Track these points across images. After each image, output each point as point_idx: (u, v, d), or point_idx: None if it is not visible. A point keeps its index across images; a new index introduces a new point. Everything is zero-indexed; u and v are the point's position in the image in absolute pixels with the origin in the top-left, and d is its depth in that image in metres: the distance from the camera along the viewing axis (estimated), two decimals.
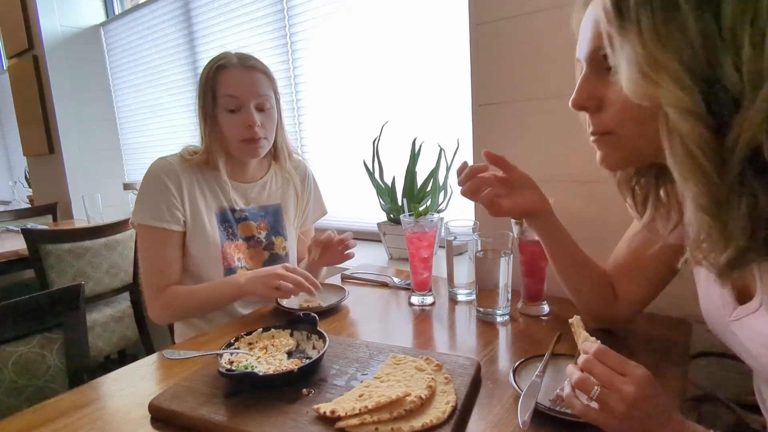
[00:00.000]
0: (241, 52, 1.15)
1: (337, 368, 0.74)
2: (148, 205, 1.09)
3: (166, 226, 1.09)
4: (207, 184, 1.16)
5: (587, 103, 0.58)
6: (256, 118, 1.11)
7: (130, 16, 2.78)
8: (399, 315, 1.03)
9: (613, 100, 0.55)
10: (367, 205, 1.75)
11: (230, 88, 1.10)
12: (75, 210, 2.97)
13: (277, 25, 2.03)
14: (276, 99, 1.18)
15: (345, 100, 1.88)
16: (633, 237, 0.81)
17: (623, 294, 0.82)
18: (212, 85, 1.11)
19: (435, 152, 1.46)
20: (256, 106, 1.12)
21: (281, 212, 1.26)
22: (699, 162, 0.45)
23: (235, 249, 1.17)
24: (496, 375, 0.74)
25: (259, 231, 1.22)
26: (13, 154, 4.81)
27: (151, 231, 1.09)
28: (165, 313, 1.11)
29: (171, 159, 1.14)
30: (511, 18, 1.07)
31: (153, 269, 1.10)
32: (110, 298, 2.13)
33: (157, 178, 1.10)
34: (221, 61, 1.11)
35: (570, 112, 1.04)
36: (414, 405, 0.59)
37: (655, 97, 0.46)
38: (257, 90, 1.12)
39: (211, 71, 1.11)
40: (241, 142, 1.12)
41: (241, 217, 1.20)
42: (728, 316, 0.60)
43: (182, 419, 0.63)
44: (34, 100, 2.96)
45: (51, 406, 0.71)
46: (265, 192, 1.25)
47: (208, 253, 1.13)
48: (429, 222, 1.03)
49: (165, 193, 1.09)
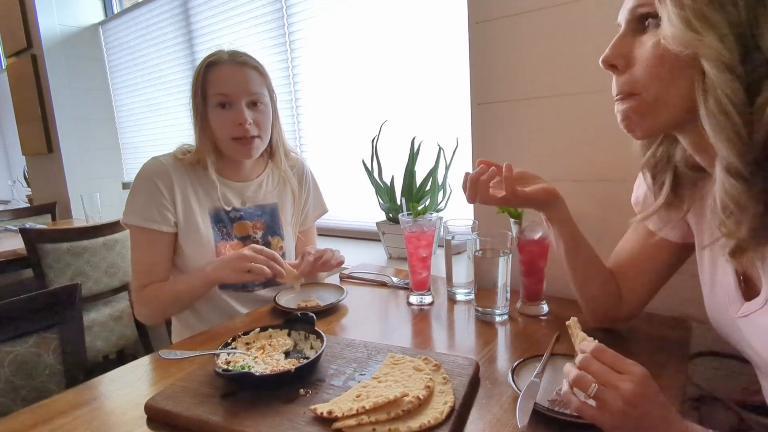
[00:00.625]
0: (235, 49, 1.14)
1: (334, 368, 0.73)
2: (139, 205, 1.09)
3: (155, 227, 1.08)
4: (200, 184, 1.15)
5: (617, 61, 0.58)
6: (248, 116, 1.09)
7: (128, 15, 2.78)
8: (397, 314, 1.03)
9: (642, 58, 0.55)
10: (366, 204, 1.75)
11: (220, 85, 1.09)
12: (74, 209, 2.97)
13: (275, 24, 2.03)
14: (271, 97, 1.17)
15: (344, 99, 1.88)
16: (634, 236, 0.81)
17: (626, 292, 0.82)
18: (203, 84, 1.09)
19: (434, 151, 1.46)
20: (247, 103, 1.10)
21: (278, 212, 1.25)
22: (732, 119, 0.48)
23: (230, 249, 1.16)
24: (495, 375, 0.73)
25: (255, 231, 1.21)
26: (11, 153, 4.81)
27: (140, 231, 1.09)
28: (145, 311, 1.11)
29: (164, 159, 1.13)
30: (510, 16, 1.07)
31: (138, 268, 1.11)
32: (109, 298, 2.12)
33: (149, 178, 1.09)
34: (212, 58, 1.10)
35: (570, 111, 1.04)
36: (412, 405, 0.59)
37: (696, 46, 0.48)
38: (248, 87, 1.10)
39: (202, 69, 1.10)
40: (232, 141, 1.11)
41: (236, 216, 1.19)
42: (735, 312, 0.60)
43: (178, 419, 0.63)
44: (32, 100, 2.95)
45: (47, 406, 0.71)
46: (261, 191, 1.24)
47: (202, 253, 1.12)
48: (427, 221, 1.03)
49: (155, 194, 1.09)
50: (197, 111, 1.11)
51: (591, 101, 1.00)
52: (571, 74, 1.02)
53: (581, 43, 0.99)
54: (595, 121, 1.00)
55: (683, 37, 0.49)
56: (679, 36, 0.49)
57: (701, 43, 0.48)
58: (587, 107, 1.01)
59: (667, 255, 0.77)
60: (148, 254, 1.10)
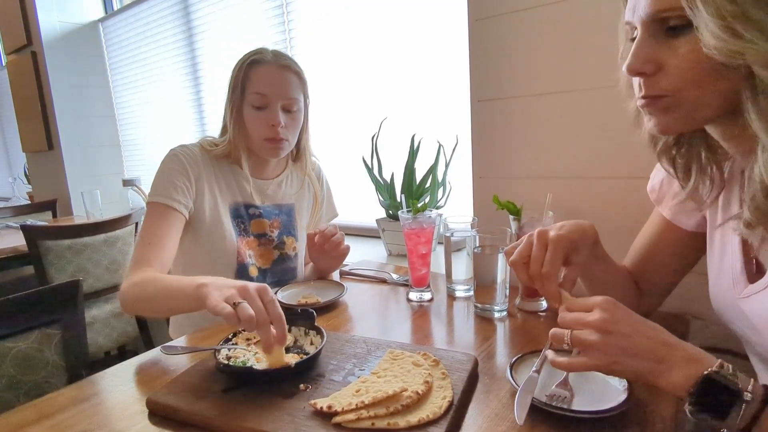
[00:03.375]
0: (278, 50, 1.14)
1: (334, 364, 0.74)
2: (162, 183, 1.07)
3: (172, 204, 1.05)
4: (224, 177, 1.15)
5: (644, 68, 0.55)
6: (281, 119, 1.10)
7: (128, 11, 2.77)
8: (397, 311, 1.03)
9: (674, 64, 0.53)
10: (366, 201, 1.75)
11: (260, 85, 1.09)
12: (74, 206, 2.97)
13: (275, 20, 2.03)
14: (305, 103, 1.17)
15: (344, 96, 1.88)
16: (650, 228, 0.82)
17: (645, 287, 0.83)
18: (243, 79, 1.09)
19: (434, 148, 1.46)
20: (283, 106, 1.11)
21: (294, 213, 1.26)
22: None
23: (246, 245, 1.16)
24: (494, 370, 0.74)
25: (272, 229, 1.21)
26: (12, 150, 4.81)
27: (156, 206, 1.05)
28: (128, 292, 0.94)
29: (192, 148, 1.13)
30: (510, 13, 1.07)
31: (143, 241, 1.03)
32: (110, 295, 2.13)
33: (179, 160, 1.09)
34: (256, 56, 1.10)
35: (570, 108, 1.04)
36: (411, 400, 0.60)
37: (743, 54, 0.47)
38: (287, 91, 1.11)
39: (245, 65, 1.10)
40: (263, 141, 1.11)
41: (255, 213, 1.19)
42: (738, 294, 0.61)
43: (180, 414, 0.64)
44: (33, 97, 2.95)
45: (49, 401, 0.71)
46: (281, 190, 1.24)
47: (223, 247, 1.12)
48: (427, 218, 1.03)
49: (181, 175, 1.08)
50: (233, 105, 1.11)
51: (592, 98, 1.00)
52: (572, 71, 1.02)
53: (582, 39, 0.99)
54: (596, 117, 1.00)
55: (729, 47, 0.47)
56: (724, 47, 0.47)
57: (747, 48, 0.46)
58: (588, 104, 1.01)
59: (683, 246, 0.77)
60: (156, 229, 1.04)
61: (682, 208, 0.73)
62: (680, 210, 0.74)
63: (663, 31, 0.54)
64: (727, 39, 0.47)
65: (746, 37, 0.46)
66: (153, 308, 0.95)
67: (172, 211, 1.05)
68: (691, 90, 0.53)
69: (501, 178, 1.17)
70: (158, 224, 1.03)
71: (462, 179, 1.45)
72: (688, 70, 0.52)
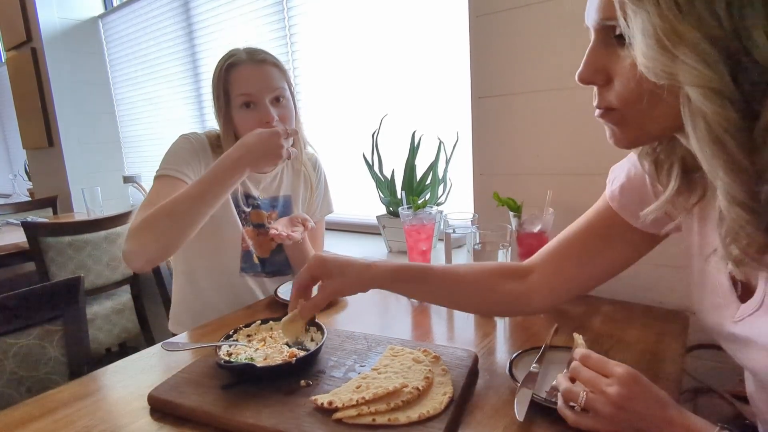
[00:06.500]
0: (250, 46, 1.13)
1: (335, 360, 0.74)
2: (172, 159, 1.07)
3: (181, 177, 1.05)
4: None
5: (594, 78, 0.51)
6: (273, 113, 1.10)
7: (128, 7, 2.76)
8: (397, 307, 1.03)
9: (621, 75, 0.48)
10: (367, 198, 1.75)
11: (244, 85, 1.08)
12: (75, 203, 2.97)
13: (276, 17, 2.02)
14: (290, 90, 1.17)
15: (344, 92, 1.88)
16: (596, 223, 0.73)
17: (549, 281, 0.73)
18: (224, 85, 1.09)
19: (434, 145, 1.46)
20: (271, 100, 1.10)
21: (291, 204, 1.27)
22: (728, 149, 0.40)
23: (245, 234, 1.17)
24: (494, 366, 0.74)
25: (269, 220, 1.22)
26: (12, 147, 4.81)
27: (164, 178, 1.04)
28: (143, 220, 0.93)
29: (200, 135, 1.15)
30: (510, 10, 1.07)
31: (148, 203, 0.98)
32: (111, 291, 2.13)
33: (190, 143, 1.11)
34: (231, 59, 1.10)
35: (570, 105, 1.04)
36: (411, 396, 0.60)
37: (674, 74, 0.41)
38: (271, 84, 1.10)
39: (222, 70, 1.10)
40: None
41: (254, 204, 1.20)
42: (731, 318, 0.57)
43: (181, 410, 0.64)
44: (33, 93, 2.95)
45: (51, 397, 0.71)
46: (276, 182, 1.25)
47: (230, 232, 1.13)
48: (427, 215, 1.03)
49: (191, 156, 1.09)
50: (221, 112, 1.11)
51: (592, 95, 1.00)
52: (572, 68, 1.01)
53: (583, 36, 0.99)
54: None
55: (656, 65, 0.41)
56: (650, 65, 0.42)
57: (679, 68, 0.40)
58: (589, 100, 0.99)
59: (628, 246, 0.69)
60: (166, 194, 0.98)
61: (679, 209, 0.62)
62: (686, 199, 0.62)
63: (613, 39, 0.49)
64: (656, 54, 0.41)
65: (676, 55, 0.40)
66: (177, 220, 0.93)
67: (181, 183, 1.04)
68: (636, 105, 0.48)
69: (501, 174, 1.17)
70: (166, 192, 0.99)
71: (462, 176, 1.45)
72: (631, 87, 0.47)
